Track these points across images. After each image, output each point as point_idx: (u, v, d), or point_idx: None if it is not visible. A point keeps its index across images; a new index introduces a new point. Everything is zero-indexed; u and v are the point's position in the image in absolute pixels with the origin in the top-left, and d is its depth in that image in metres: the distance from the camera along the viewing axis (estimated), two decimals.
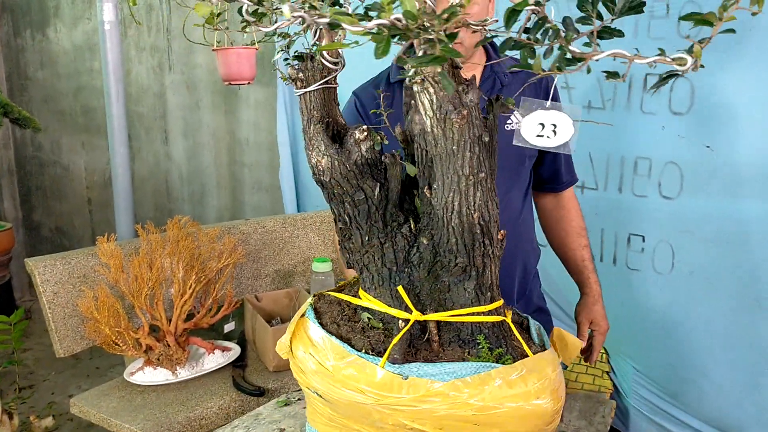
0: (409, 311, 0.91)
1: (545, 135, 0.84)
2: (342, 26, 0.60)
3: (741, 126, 1.84)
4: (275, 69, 1.05)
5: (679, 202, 1.99)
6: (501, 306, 0.95)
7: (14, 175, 4.76)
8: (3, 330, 2.50)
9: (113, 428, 1.88)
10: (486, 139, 0.85)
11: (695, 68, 0.65)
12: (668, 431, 2.17)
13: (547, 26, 0.67)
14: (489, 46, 1.52)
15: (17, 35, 4.45)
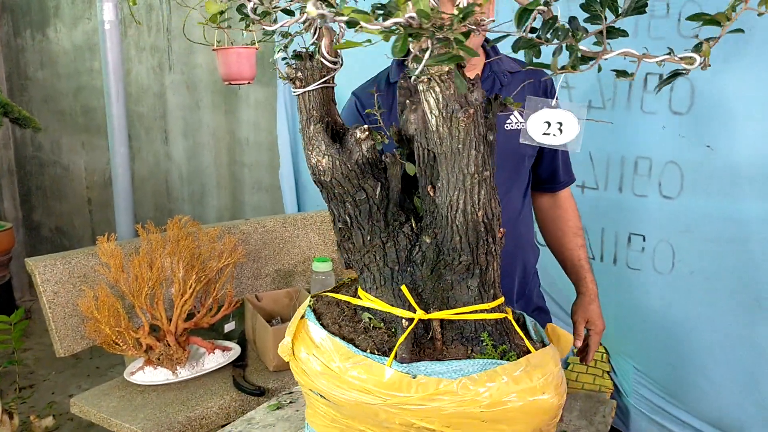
0: (413, 310, 0.91)
1: (551, 133, 0.85)
2: (360, 24, 0.60)
3: (741, 126, 1.84)
4: (275, 68, 1.05)
5: (680, 202, 1.99)
6: (503, 303, 0.96)
7: (14, 175, 4.76)
8: (3, 330, 2.50)
9: (113, 428, 1.88)
10: (491, 138, 0.86)
11: (704, 67, 0.66)
12: (669, 431, 2.17)
13: (557, 26, 0.67)
14: (487, 46, 1.52)
15: (17, 35, 4.45)
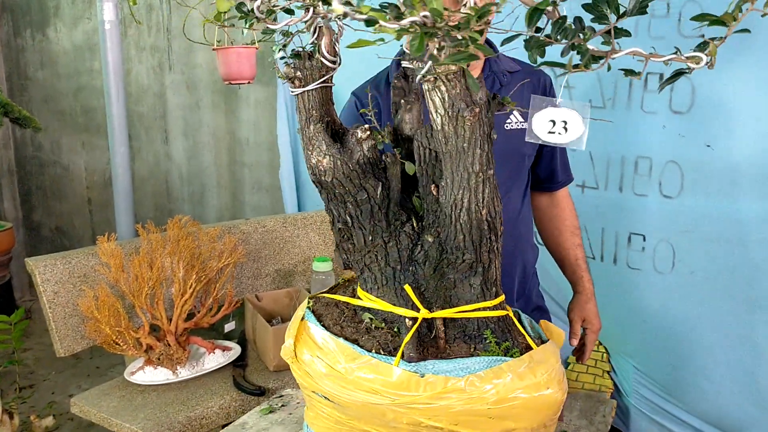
0: (417, 309, 0.91)
1: (556, 132, 0.85)
2: (378, 23, 0.61)
3: (741, 125, 1.84)
4: (274, 68, 1.05)
5: (680, 202, 1.99)
6: (504, 300, 0.96)
7: (14, 175, 4.76)
8: (3, 330, 2.50)
9: (114, 428, 1.88)
10: (495, 137, 0.86)
11: (710, 66, 0.67)
12: (669, 430, 2.17)
13: (566, 26, 0.68)
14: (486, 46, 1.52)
15: (17, 35, 4.45)
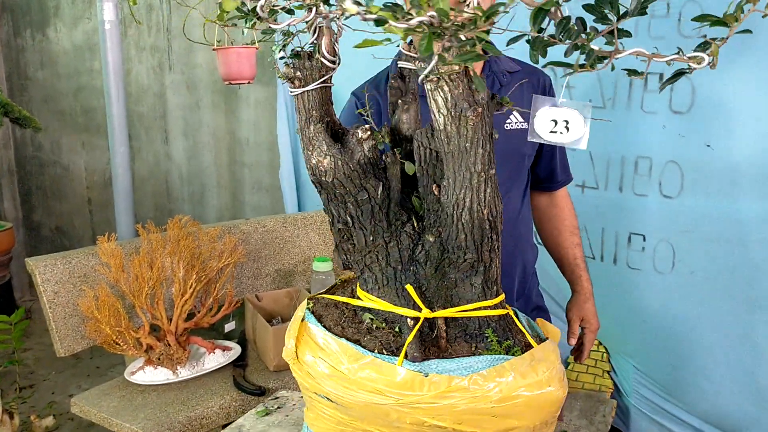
0: (418, 309, 0.91)
1: (558, 131, 0.85)
2: (388, 23, 0.61)
3: (742, 125, 1.84)
4: (274, 68, 1.04)
5: (680, 202, 1.99)
6: (504, 299, 0.96)
7: (14, 175, 4.76)
8: (3, 330, 2.50)
9: (114, 428, 1.88)
10: (497, 137, 0.86)
11: (713, 66, 0.68)
12: (669, 430, 2.17)
13: (570, 26, 0.68)
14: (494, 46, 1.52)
15: (17, 35, 4.45)
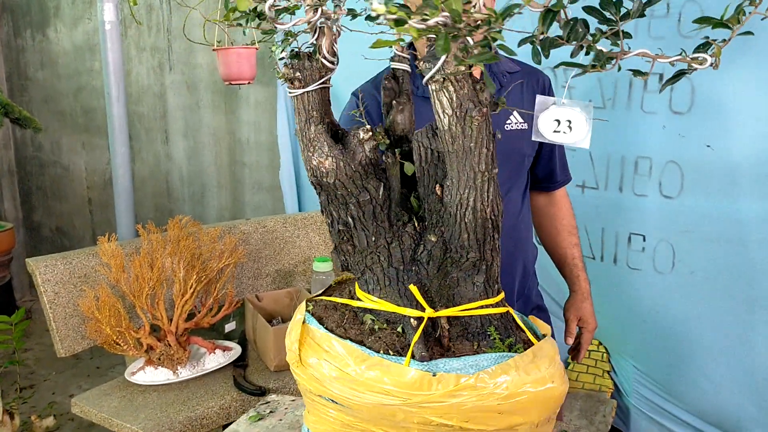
0: (422, 309, 0.91)
1: (561, 131, 0.86)
2: (408, 23, 0.62)
3: (741, 125, 1.84)
4: (275, 68, 1.04)
5: (680, 202, 1.99)
6: (504, 297, 0.96)
7: (15, 176, 4.76)
8: (4, 330, 2.50)
9: (114, 428, 1.88)
10: (499, 137, 0.87)
11: (715, 66, 0.70)
12: (669, 430, 2.18)
13: (576, 28, 0.70)
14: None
15: (17, 35, 4.45)
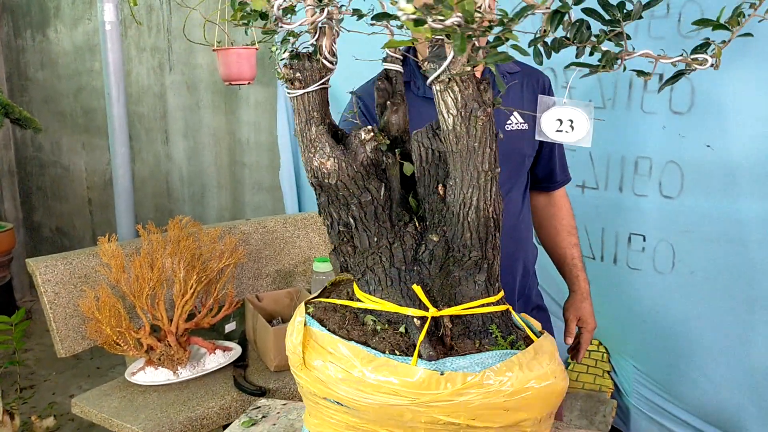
0: (425, 308, 0.91)
1: (564, 130, 0.87)
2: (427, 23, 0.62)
3: (741, 125, 1.84)
4: (276, 68, 1.04)
5: (680, 202, 1.99)
6: (504, 295, 0.97)
7: (15, 176, 4.76)
8: (4, 330, 2.50)
9: (114, 428, 1.88)
10: (501, 137, 0.87)
11: (716, 67, 0.71)
12: (669, 430, 2.18)
13: (582, 29, 0.70)
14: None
15: (17, 36, 4.45)
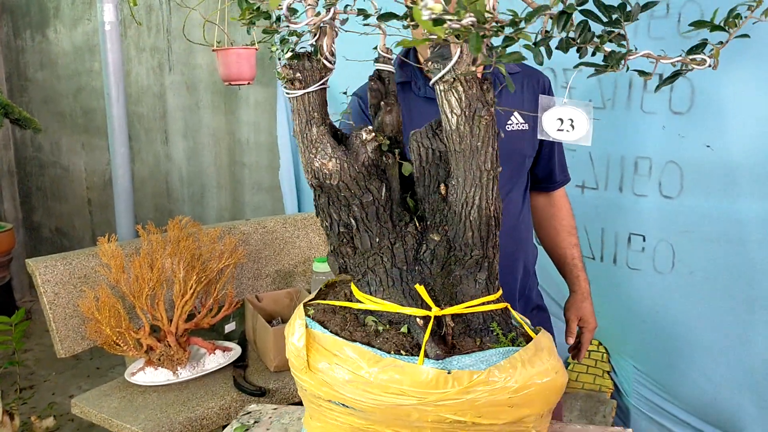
0: (427, 308, 0.91)
1: (564, 129, 0.88)
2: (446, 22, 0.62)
3: (741, 125, 1.84)
4: (276, 69, 1.04)
5: (680, 202, 1.99)
6: (502, 294, 0.97)
7: (14, 176, 4.76)
8: (4, 331, 2.50)
9: (114, 428, 1.88)
10: (502, 136, 0.88)
11: (714, 67, 0.72)
12: (669, 430, 2.18)
13: (586, 29, 0.71)
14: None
15: (17, 36, 4.45)
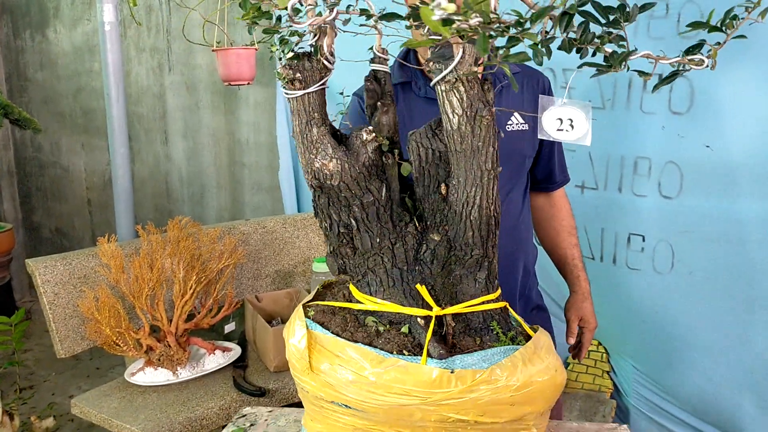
0: (428, 308, 0.92)
1: (564, 129, 0.89)
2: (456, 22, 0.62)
3: (740, 125, 1.84)
4: (276, 69, 1.04)
5: (679, 202, 1.99)
6: (501, 293, 0.98)
7: (14, 176, 4.76)
8: (3, 331, 2.50)
9: (114, 429, 1.88)
10: (502, 135, 0.88)
11: (712, 68, 0.73)
12: (669, 430, 2.18)
13: (587, 30, 0.71)
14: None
15: (17, 36, 4.45)
